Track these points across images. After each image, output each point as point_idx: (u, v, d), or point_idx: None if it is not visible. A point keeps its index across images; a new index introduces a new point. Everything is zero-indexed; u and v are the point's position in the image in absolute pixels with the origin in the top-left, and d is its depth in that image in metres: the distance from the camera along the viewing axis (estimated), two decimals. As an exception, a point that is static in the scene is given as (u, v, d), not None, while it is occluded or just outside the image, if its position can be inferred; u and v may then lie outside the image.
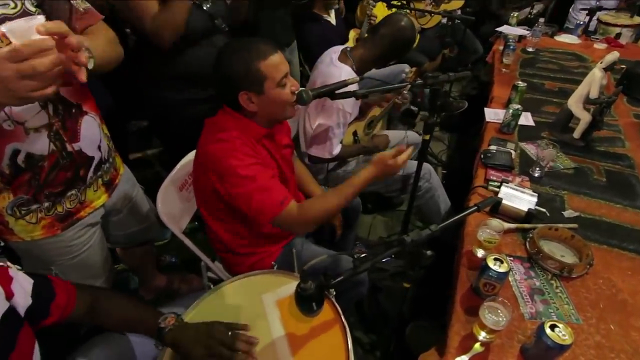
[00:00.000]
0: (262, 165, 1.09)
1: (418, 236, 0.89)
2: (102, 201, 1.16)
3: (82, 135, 1.00)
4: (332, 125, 1.54)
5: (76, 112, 0.99)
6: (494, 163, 1.48)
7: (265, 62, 1.03)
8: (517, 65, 2.40)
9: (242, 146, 1.07)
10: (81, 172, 1.05)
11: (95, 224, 1.18)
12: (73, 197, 1.06)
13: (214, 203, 1.16)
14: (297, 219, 1.08)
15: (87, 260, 1.18)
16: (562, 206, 1.32)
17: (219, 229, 1.22)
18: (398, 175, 1.76)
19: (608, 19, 2.94)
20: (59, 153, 0.96)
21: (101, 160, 1.11)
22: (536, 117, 1.82)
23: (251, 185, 1.06)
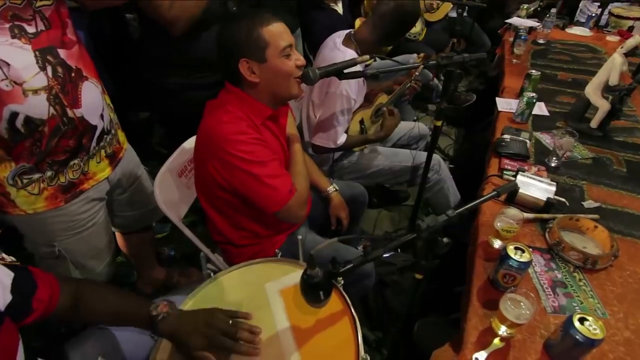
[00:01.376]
0: (268, 149, 1.04)
1: (434, 222, 0.83)
2: (105, 174, 1.13)
3: (84, 101, 0.97)
4: (336, 112, 1.48)
5: (76, 76, 0.95)
6: (508, 152, 1.42)
7: (268, 28, 0.97)
8: (528, 56, 2.33)
9: (247, 128, 1.01)
10: (84, 141, 1.01)
11: (100, 199, 1.15)
12: (76, 167, 1.03)
13: (213, 191, 1.10)
14: (300, 202, 1.06)
15: (91, 237, 1.14)
16: (581, 196, 1.25)
17: (218, 219, 1.16)
18: (406, 166, 1.70)
19: (620, 11, 2.86)
20: (59, 118, 0.93)
21: (104, 130, 1.07)
22: (550, 107, 1.76)
23: (259, 171, 1.01)
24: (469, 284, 1.00)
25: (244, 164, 0.99)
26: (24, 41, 0.83)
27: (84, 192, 1.07)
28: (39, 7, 0.85)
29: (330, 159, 1.69)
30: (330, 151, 1.61)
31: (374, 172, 1.72)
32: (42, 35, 0.86)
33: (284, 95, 1.08)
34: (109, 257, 1.23)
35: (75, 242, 1.10)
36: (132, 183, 1.29)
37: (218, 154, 1.01)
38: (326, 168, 1.71)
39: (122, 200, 1.29)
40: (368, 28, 1.49)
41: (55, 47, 0.89)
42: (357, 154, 1.72)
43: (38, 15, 0.85)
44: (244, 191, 1.04)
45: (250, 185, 1.02)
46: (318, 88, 1.54)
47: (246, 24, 0.97)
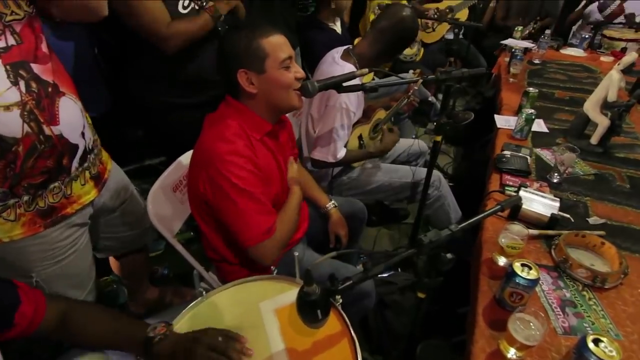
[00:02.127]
0: (259, 178, 1.01)
1: (437, 236, 0.79)
2: (91, 197, 1.06)
3: (62, 117, 0.91)
4: (336, 126, 1.46)
5: (53, 91, 0.90)
6: (509, 168, 1.40)
7: (268, 39, 0.96)
8: (525, 75, 2.35)
9: (244, 148, 0.99)
10: (64, 161, 0.95)
11: (83, 224, 1.08)
12: (56, 190, 0.96)
13: (204, 207, 1.07)
14: (275, 247, 1.04)
15: (72, 266, 1.06)
16: (586, 213, 1.22)
17: (211, 234, 1.12)
18: (406, 182, 1.67)
19: (612, 33, 2.92)
20: (35, 136, 0.86)
21: (86, 149, 1.01)
22: (549, 124, 1.75)
23: (242, 202, 0.98)
24: (474, 303, 0.96)
25: (231, 188, 0.97)
26: None
27: (66, 217, 0.99)
28: (9, 21, 0.82)
29: (330, 175, 1.67)
30: (330, 166, 1.59)
31: (373, 189, 1.69)
32: (14, 50, 0.82)
33: (282, 107, 1.06)
34: (91, 284, 1.15)
35: (54, 272, 1.02)
36: (122, 203, 1.22)
37: (209, 169, 0.98)
38: (325, 184, 1.68)
39: (111, 221, 1.22)
40: (367, 43, 1.50)
41: (28, 61, 0.85)
42: (357, 169, 1.70)
43: (8, 30, 0.81)
44: (222, 215, 1.02)
45: (229, 211, 1.00)
46: (317, 102, 1.53)
47: (246, 34, 0.96)
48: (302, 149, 1.68)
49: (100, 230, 1.21)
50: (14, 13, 0.82)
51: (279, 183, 1.12)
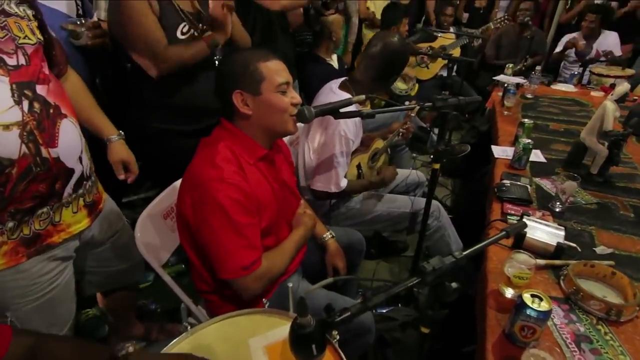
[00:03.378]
0: (246, 209, 0.97)
1: (440, 264, 0.75)
2: (82, 226, 1.00)
3: (61, 140, 0.88)
4: (335, 153, 1.45)
5: (55, 112, 0.88)
6: (509, 197, 1.37)
7: (266, 63, 0.97)
8: (519, 108, 2.39)
9: (232, 175, 0.96)
10: (57, 186, 0.90)
11: (66, 258, 1.00)
12: (44, 215, 0.90)
13: (190, 233, 1.02)
14: (258, 282, 1.00)
15: (52, 303, 0.98)
16: (592, 242, 1.18)
17: (200, 264, 1.06)
18: (405, 212, 1.63)
19: (600, 70, 3.02)
20: (32, 158, 0.83)
21: (82, 175, 0.97)
22: (546, 155, 1.75)
23: (223, 230, 0.94)
24: (482, 339, 0.89)
25: (213, 217, 0.94)
26: (1, 72, 0.79)
27: (51, 247, 0.93)
28: (21, 43, 0.83)
29: (328, 204, 1.63)
30: (331, 196, 1.55)
31: (372, 219, 1.65)
32: (22, 69, 0.82)
33: (276, 131, 1.05)
34: (71, 321, 1.07)
35: (33, 310, 0.94)
36: (112, 236, 1.16)
37: (194, 194, 0.96)
38: (323, 214, 1.64)
39: (99, 255, 1.14)
40: (360, 71, 1.52)
41: (34, 82, 0.85)
42: (355, 199, 1.66)
43: (20, 50, 0.83)
44: (202, 242, 0.98)
45: (209, 240, 0.96)
46: (315, 130, 1.52)
47: (245, 56, 0.97)
48: (300, 178, 1.65)
49: (86, 265, 1.13)
50: (27, 37, 0.85)
51: (274, 210, 1.08)
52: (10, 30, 0.81)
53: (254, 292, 1.00)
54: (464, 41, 3.29)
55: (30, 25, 0.86)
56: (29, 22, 0.87)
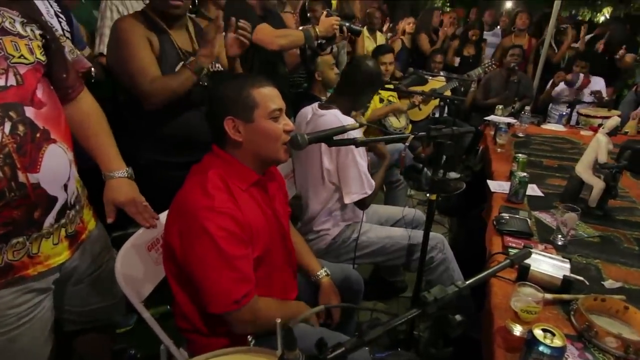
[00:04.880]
0: (238, 239, 0.93)
1: (442, 294, 0.69)
2: (61, 259, 0.93)
3: (44, 165, 0.84)
4: (356, 159, 1.49)
5: (41, 137, 0.84)
6: (509, 230, 1.33)
7: (259, 90, 0.96)
8: (511, 146, 2.41)
9: (224, 204, 0.92)
10: (35, 214, 0.84)
11: (44, 290, 0.92)
12: (19, 246, 0.84)
13: (176, 264, 0.97)
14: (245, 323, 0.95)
15: (23, 339, 0.89)
16: (599, 275, 1.13)
17: (183, 298, 0.99)
18: (404, 245, 1.57)
19: (588, 111, 3.11)
20: (5, 182, 0.78)
21: (66, 204, 0.91)
22: (543, 189, 1.73)
23: (212, 261, 0.90)
24: (492, 382, 0.80)
25: (202, 246, 0.89)
26: None
27: (25, 279, 0.86)
28: (14, 62, 0.81)
29: (329, 238, 1.59)
30: (368, 202, 1.57)
31: (371, 252, 1.60)
32: (11, 90, 0.80)
33: (268, 158, 1.03)
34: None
35: None
36: (94, 271, 1.07)
37: (182, 222, 0.92)
38: (321, 248, 1.59)
39: (77, 291, 1.05)
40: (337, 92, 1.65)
41: (23, 104, 0.82)
42: (355, 232, 1.61)
43: (12, 70, 0.80)
44: (191, 272, 0.92)
45: (197, 271, 0.91)
46: (327, 154, 1.53)
47: (238, 82, 0.97)
48: (302, 209, 1.63)
49: (65, 299, 1.04)
50: (22, 57, 0.83)
51: (267, 237, 1.03)
52: (4, 48, 0.79)
53: (246, 327, 0.93)
54: (454, 84, 3.42)
55: (29, 45, 0.84)
56: (30, 41, 0.85)
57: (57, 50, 0.94)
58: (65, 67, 0.97)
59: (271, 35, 1.75)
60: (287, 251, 1.14)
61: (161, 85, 1.25)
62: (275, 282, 1.08)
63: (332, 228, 1.63)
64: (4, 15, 0.80)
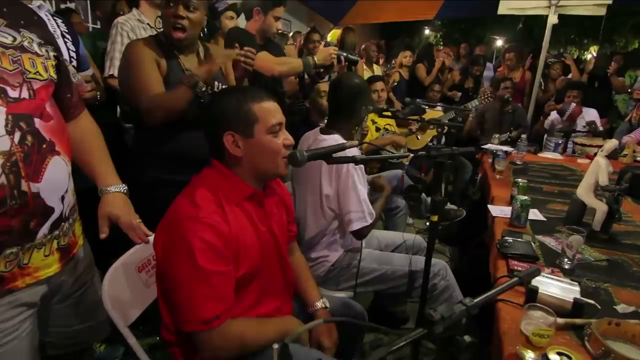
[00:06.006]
0: (221, 255, 0.89)
1: (449, 312, 0.65)
2: (51, 271, 0.90)
3: (46, 175, 0.84)
4: (357, 185, 1.45)
5: (47, 148, 0.86)
6: (514, 253, 1.29)
7: (259, 105, 0.95)
8: (510, 172, 2.41)
9: (210, 215, 0.90)
10: (32, 224, 0.83)
11: (31, 305, 0.89)
12: (11, 256, 0.82)
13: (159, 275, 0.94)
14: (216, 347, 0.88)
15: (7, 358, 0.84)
16: (610, 299, 1.08)
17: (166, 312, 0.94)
18: (405, 271, 1.52)
19: (583, 141, 3.15)
20: (8, 190, 0.78)
21: (62, 215, 0.90)
22: (545, 214, 1.71)
23: (188, 274, 0.86)
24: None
25: (180, 257, 0.86)
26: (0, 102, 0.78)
27: (13, 291, 0.84)
28: (30, 78, 0.84)
29: (328, 264, 1.55)
30: (368, 230, 1.51)
31: (372, 279, 1.55)
32: (23, 103, 0.82)
33: (268, 173, 1.01)
34: None
35: None
36: (78, 289, 1.02)
37: (166, 229, 0.90)
38: (321, 275, 1.54)
39: (60, 310, 1.00)
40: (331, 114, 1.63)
41: (34, 116, 0.84)
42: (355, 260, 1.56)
43: (26, 85, 0.83)
44: (166, 284, 0.89)
45: (173, 281, 0.87)
46: (327, 181, 1.50)
47: (238, 97, 0.96)
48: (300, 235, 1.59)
49: (48, 318, 0.98)
50: (38, 73, 0.87)
51: (258, 255, 0.99)
52: (22, 64, 0.83)
53: (216, 352, 0.87)
54: (451, 115, 3.48)
55: (45, 63, 0.88)
56: (46, 60, 0.89)
57: (66, 71, 0.98)
58: (71, 88, 1.01)
59: (271, 62, 1.80)
60: (283, 272, 1.09)
61: (159, 101, 1.27)
62: (267, 305, 1.03)
63: (331, 254, 1.58)
64: (24, 35, 0.85)
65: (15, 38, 0.83)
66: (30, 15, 0.91)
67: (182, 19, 1.30)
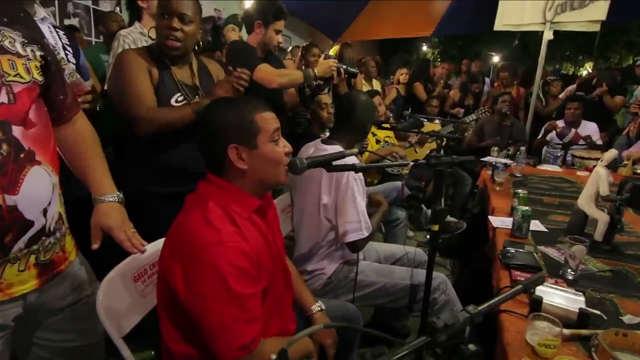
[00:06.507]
0: (248, 275, 0.87)
1: (452, 319, 0.64)
2: (25, 289, 0.84)
3: (24, 187, 0.79)
4: (355, 196, 1.44)
5: (25, 158, 0.80)
6: (517, 263, 1.27)
7: (261, 115, 0.94)
8: (510, 184, 2.41)
9: (232, 237, 0.86)
10: (6, 239, 0.78)
11: (2, 326, 0.83)
12: None
13: (169, 305, 0.89)
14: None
15: None
16: (616, 310, 1.05)
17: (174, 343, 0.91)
18: (406, 285, 1.49)
19: (582, 153, 3.16)
20: None
21: (43, 230, 0.85)
22: (546, 225, 1.69)
23: (219, 303, 0.83)
24: None
25: (216, 281, 0.82)
26: None
27: None
28: (9, 81, 0.80)
29: (324, 277, 1.52)
30: (364, 243, 1.49)
31: (372, 292, 1.52)
32: (2, 108, 0.77)
33: (270, 183, 1.00)
34: None
35: None
36: (74, 303, 0.97)
37: (186, 261, 0.84)
38: (319, 287, 1.51)
39: (52, 324, 0.95)
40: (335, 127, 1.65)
41: (11, 123, 0.79)
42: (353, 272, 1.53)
43: (5, 88, 0.78)
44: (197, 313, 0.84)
45: (206, 311, 0.84)
46: (326, 190, 1.49)
47: (239, 108, 0.94)
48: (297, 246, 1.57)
49: (34, 335, 0.94)
50: (18, 75, 0.81)
51: (271, 265, 0.97)
52: (0, 66, 0.78)
53: None
54: (449, 128, 3.51)
55: (27, 65, 0.83)
56: (28, 61, 0.83)
57: (57, 72, 0.93)
58: (64, 89, 0.97)
59: (271, 74, 1.81)
60: (285, 275, 1.07)
61: (159, 115, 1.27)
62: (275, 312, 1.01)
63: (328, 266, 1.55)
64: (4, 34, 0.80)
65: None
66: (17, 12, 0.85)
67: (177, 31, 1.31)
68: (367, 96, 1.68)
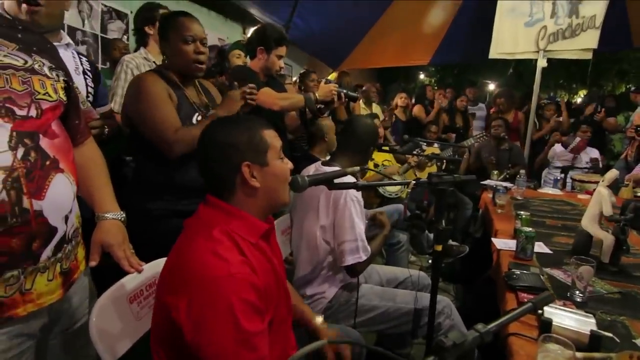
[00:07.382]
0: (257, 310, 0.83)
1: (462, 338, 0.61)
2: (53, 298, 0.85)
3: (49, 193, 0.81)
4: (353, 218, 1.42)
5: (50, 165, 0.83)
6: (523, 285, 1.24)
7: (267, 131, 0.94)
8: (511, 207, 2.39)
9: (241, 268, 0.82)
10: (34, 245, 0.79)
11: (31, 335, 0.83)
12: (12, 280, 0.76)
13: (169, 340, 0.84)
14: None
15: None
16: (628, 333, 1.02)
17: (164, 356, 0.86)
18: (409, 309, 1.45)
19: (581, 177, 3.17)
20: (9, 207, 0.74)
21: (65, 237, 0.86)
22: (550, 247, 1.67)
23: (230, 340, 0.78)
24: None
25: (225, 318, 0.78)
26: (5, 120, 0.77)
27: (13, 320, 0.78)
28: (38, 98, 0.84)
29: (325, 301, 1.49)
30: (364, 268, 1.47)
31: (374, 317, 1.48)
32: (30, 121, 0.81)
33: (277, 202, 0.97)
34: None
35: None
36: (74, 323, 0.96)
37: (194, 295, 0.79)
38: (318, 312, 1.46)
39: (51, 348, 0.92)
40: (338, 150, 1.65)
41: (39, 133, 0.83)
42: (352, 296, 1.50)
43: (34, 105, 0.83)
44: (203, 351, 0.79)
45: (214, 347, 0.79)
46: (324, 211, 1.47)
47: (248, 126, 0.93)
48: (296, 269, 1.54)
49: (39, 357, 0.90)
50: (47, 94, 0.86)
51: (276, 292, 0.94)
52: (32, 85, 0.83)
53: None
54: (448, 152, 3.54)
55: (54, 85, 0.88)
56: (55, 82, 0.89)
57: (75, 98, 0.98)
58: (78, 114, 1.02)
59: (273, 97, 1.85)
60: (287, 300, 1.04)
61: (186, 134, 1.28)
62: (278, 340, 0.96)
63: (328, 290, 1.52)
64: (35, 59, 0.86)
65: (26, 61, 0.84)
66: (43, 44, 0.93)
67: (202, 54, 1.38)
68: (371, 119, 1.70)
